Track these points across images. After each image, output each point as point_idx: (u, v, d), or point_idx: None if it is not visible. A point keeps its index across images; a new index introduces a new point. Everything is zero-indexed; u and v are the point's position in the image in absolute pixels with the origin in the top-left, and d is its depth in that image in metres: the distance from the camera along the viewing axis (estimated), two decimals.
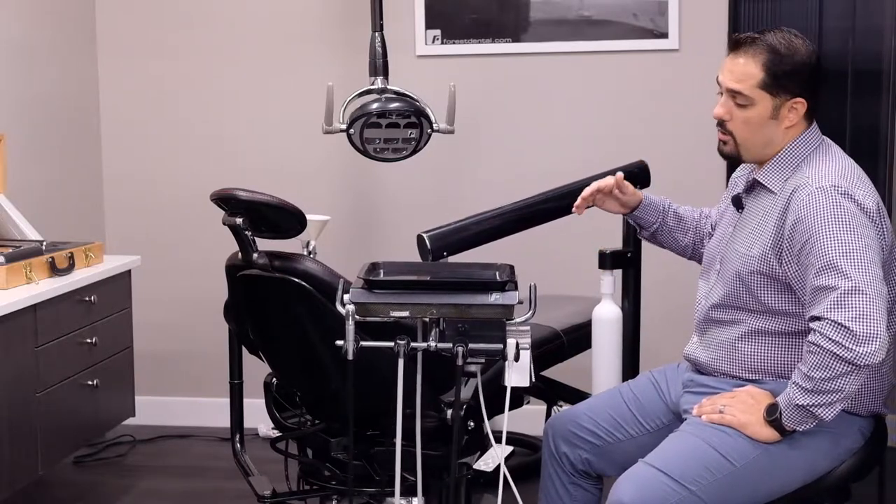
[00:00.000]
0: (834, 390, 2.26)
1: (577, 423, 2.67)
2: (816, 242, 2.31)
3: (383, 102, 3.68)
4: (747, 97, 2.44)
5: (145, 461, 4.18)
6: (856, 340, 2.22)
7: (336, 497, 2.93)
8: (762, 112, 2.44)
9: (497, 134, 4.28)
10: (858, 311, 2.23)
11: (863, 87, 3.94)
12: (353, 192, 4.40)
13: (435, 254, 2.89)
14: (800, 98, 2.44)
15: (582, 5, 4.16)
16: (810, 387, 2.27)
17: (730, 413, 2.40)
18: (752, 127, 2.46)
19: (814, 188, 2.36)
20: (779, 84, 2.42)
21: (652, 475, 2.35)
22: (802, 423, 2.32)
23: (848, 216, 2.32)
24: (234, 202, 2.69)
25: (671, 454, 2.39)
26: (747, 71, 2.43)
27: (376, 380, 2.45)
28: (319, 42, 4.34)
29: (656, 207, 2.81)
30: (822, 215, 2.32)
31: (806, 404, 2.29)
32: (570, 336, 3.31)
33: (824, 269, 2.29)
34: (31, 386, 3.22)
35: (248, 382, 3.13)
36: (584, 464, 2.66)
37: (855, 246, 2.29)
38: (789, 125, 2.46)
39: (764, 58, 2.42)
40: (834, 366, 2.24)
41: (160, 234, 4.47)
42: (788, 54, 2.42)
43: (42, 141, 4.08)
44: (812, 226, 2.32)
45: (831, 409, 2.29)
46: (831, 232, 2.30)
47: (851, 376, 2.25)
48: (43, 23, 4.10)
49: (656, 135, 4.17)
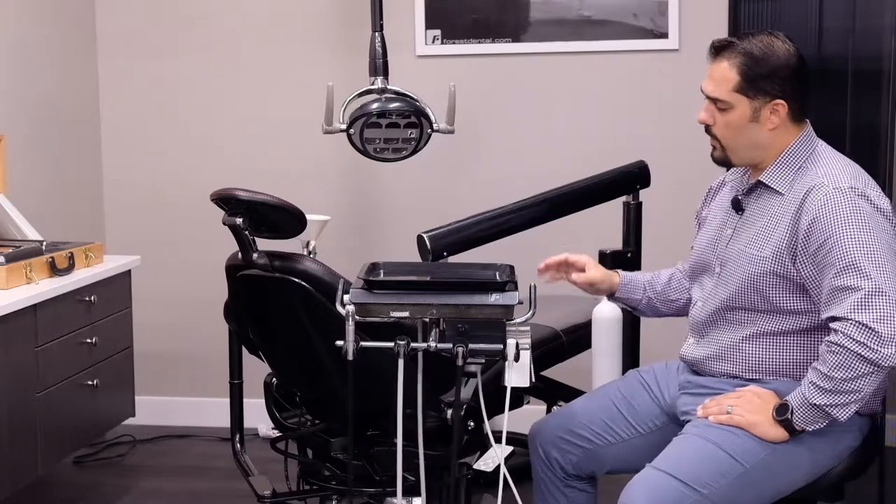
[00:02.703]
0: (853, 391, 2.28)
1: (566, 428, 2.66)
2: (836, 243, 2.32)
3: (383, 102, 3.68)
4: (725, 101, 2.47)
5: (145, 461, 4.18)
6: (881, 342, 2.24)
7: (336, 497, 2.93)
8: (741, 115, 2.46)
9: (497, 134, 4.28)
10: (883, 312, 2.25)
11: (863, 87, 3.94)
12: (353, 192, 4.40)
13: (435, 254, 2.89)
14: (779, 100, 2.45)
15: (582, 5, 4.16)
16: (829, 386, 2.28)
17: (738, 413, 2.39)
18: (734, 130, 2.48)
19: (831, 189, 2.38)
20: (755, 87, 2.44)
21: (663, 480, 2.34)
22: (815, 422, 2.33)
23: (867, 217, 2.34)
24: (234, 202, 2.69)
25: (680, 457, 2.38)
26: (724, 76, 2.46)
27: (376, 380, 2.45)
28: (319, 42, 4.34)
29: (637, 284, 2.80)
30: (841, 216, 2.34)
31: (823, 404, 2.30)
32: (570, 336, 3.31)
33: (846, 269, 2.30)
34: (31, 386, 3.22)
35: (248, 382, 3.13)
36: (576, 467, 2.65)
37: (875, 247, 2.31)
38: (773, 127, 2.47)
39: (739, 61, 2.45)
40: (857, 366, 2.26)
41: (160, 234, 4.47)
42: (764, 57, 2.44)
43: (42, 141, 4.08)
44: (831, 226, 2.34)
45: (847, 410, 2.30)
46: (851, 233, 2.32)
47: (872, 377, 2.27)
48: (43, 23, 4.10)
49: (656, 135, 4.17)
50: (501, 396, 2.40)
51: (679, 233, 3.28)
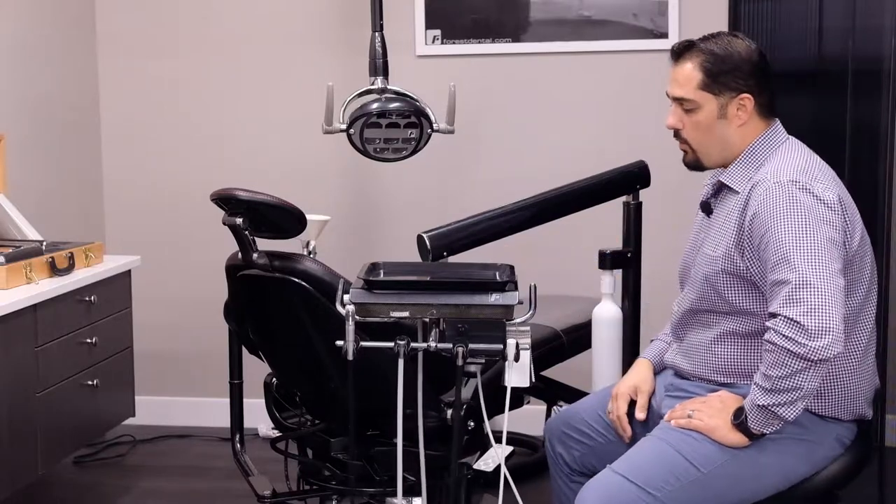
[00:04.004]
0: (792, 388, 2.24)
1: (570, 424, 2.68)
2: (772, 237, 2.31)
3: (383, 102, 3.68)
4: (691, 101, 2.47)
5: (145, 461, 4.18)
6: (808, 335, 2.20)
7: (336, 497, 2.93)
8: (709, 113, 2.47)
9: (497, 134, 4.28)
10: (809, 305, 2.21)
11: (863, 87, 3.93)
12: (353, 192, 4.40)
13: (435, 254, 2.89)
14: (745, 94, 2.45)
15: (582, 5, 4.16)
16: (769, 386, 2.25)
17: (698, 417, 2.38)
18: (703, 130, 2.48)
19: (771, 183, 2.36)
20: (719, 82, 2.44)
21: (617, 482, 2.34)
22: (767, 424, 2.30)
23: (802, 210, 2.31)
24: (234, 202, 2.69)
25: (637, 460, 2.38)
26: (688, 76, 2.47)
27: (376, 380, 2.45)
28: (319, 42, 4.34)
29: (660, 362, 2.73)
30: (776, 209, 2.32)
31: (767, 404, 2.26)
32: (570, 336, 3.31)
33: (778, 263, 2.28)
34: (31, 386, 3.22)
35: (248, 382, 3.13)
36: (578, 462, 2.67)
37: (808, 240, 2.27)
38: (741, 123, 2.46)
39: (700, 59, 2.46)
40: (789, 363, 2.22)
41: (160, 234, 4.47)
42: (725, 54, 2.44)
43: (42, 141, 4.08)
44: (767, 220, 2.32)
45: (793, 409, 2.26)
46: (785, 226, 2.30)
47: (809, 372, 2.22)
48: (43, 23, 4.10)
49: (656, 135, 4.14)
50: (501, 396, 2.41)
51: (679, 233, 3.27)
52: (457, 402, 2.42)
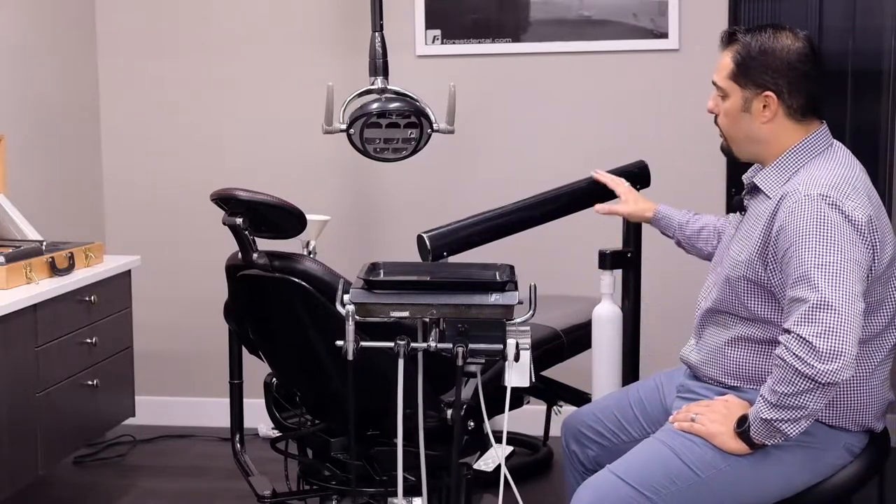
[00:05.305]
0: (797, 406, 2.20)
1: (585, 423, 2.69)
2: (795, 252, 2.25)
3: (383, 102, 3.68)
4: (722, 88, 2.47)
5: (145, 461, 4.18)
6: (818, 357, 2.15)
7: (336, 497, 2.93)
8: (734, 104, 2.44)
9: (497, 134, 4.28)
10: (825, 326, 2.16)
11: (863, 87, 3.94)
12: (353, 192, 4.40)
13: (435, 254, 2.89)
14: (769, 92, 2.40)
15: (582, 5, 4.16)
16: (774, 401, 2.22)
17: (700, 422, 2.36)
18: (730, 119, 2.47)
19: (801, 195, 2.30)
20: (746, 76, 2.42)
21: (612, 483, 2.34)
22: (769, 437, 2.27)
23: (830, 227, 2.25)
24: (234, 202, 2.69)
25: (635, 461, 2.38)
26: (723, 63, 2.46)
27: (376, 380, 2.45)
28: (319, 42, 4.34)
29: (670, 223, 2.85)
30: (802, 224, 2.26)
31: (770, 419, 2.24)
32: (570, 336, 3.31)
33: (799, 280, 2.23)
34: (31, 386, 3.22)
35: (248, 382, 3.13)
36: (592, 462, 2.66)
37: (831, 259, 2.22)
38: (765, 121, 2.41)
39: (736, 48, 2.44)
40: (797, 382, 2.18)
41: (160, 234, 4.47)
42: (760, 48, 2.41)
43: (42, 141, 4.08)
44: (793, 234, 2.27)
45: (796, 426, 2.23)
46: (809, 243, 2.24)
47: (815, 394, 2.18)
48: (43, 23, 4.10)
49: (656, 135, 4.17)
50: (501, 396, 2.40)
51: None
52: (457, 402, 2.42)
